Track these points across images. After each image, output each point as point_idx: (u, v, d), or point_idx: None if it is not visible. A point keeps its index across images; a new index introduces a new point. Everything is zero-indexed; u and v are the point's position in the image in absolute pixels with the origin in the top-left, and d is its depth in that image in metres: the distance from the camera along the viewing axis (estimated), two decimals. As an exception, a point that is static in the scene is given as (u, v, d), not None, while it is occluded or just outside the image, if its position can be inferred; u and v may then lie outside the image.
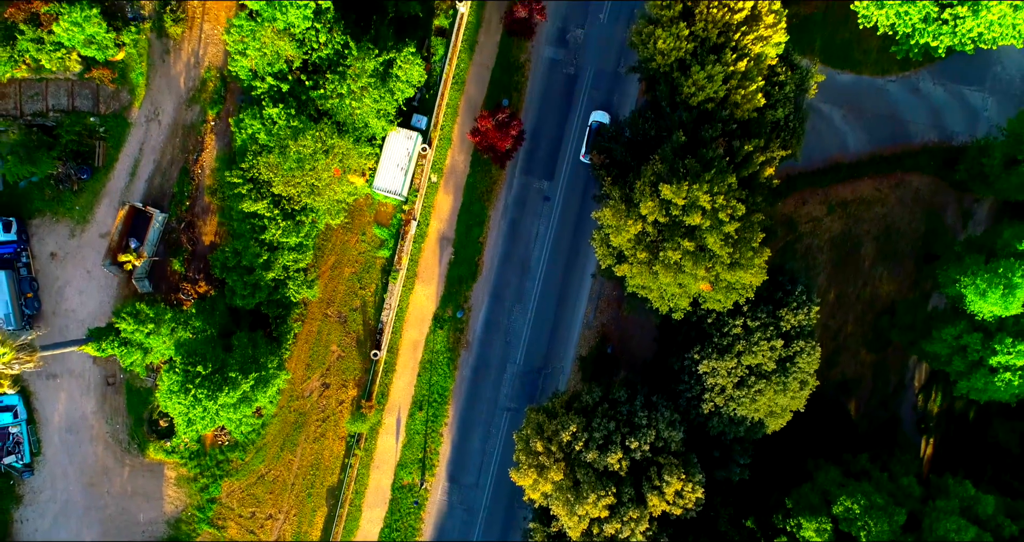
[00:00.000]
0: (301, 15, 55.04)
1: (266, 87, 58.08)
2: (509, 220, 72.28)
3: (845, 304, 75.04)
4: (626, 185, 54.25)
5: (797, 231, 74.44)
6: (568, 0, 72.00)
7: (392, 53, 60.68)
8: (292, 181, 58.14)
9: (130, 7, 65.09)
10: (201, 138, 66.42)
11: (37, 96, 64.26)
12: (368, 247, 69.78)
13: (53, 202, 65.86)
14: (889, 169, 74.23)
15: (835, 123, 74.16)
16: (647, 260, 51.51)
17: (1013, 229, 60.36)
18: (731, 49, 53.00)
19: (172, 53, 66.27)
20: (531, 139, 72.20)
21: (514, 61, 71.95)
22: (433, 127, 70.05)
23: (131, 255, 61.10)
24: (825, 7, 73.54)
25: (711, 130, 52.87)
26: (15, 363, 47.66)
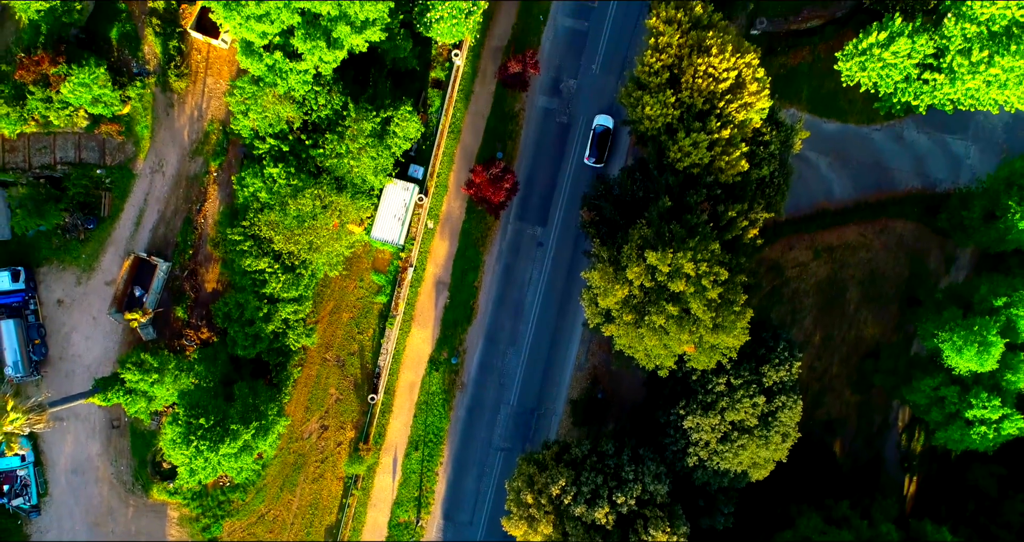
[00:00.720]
0: (302, 80, 57.00)
1: (267, 147, 60.07)
2: (503, 265, 74.25)
3: (831, 346, 77.03)
4: (614, 246, 56.19)
5: (784, 276, 76.43)
6: (561, 51, 74.14)
7: (390, 111, 62.69)
8: (292, 238, 60.15)
9: (135, 62, 67.06)
10: (204, 189, 68.39)
11: (45, 149, 66.22)
12: (366, 293, 71.78)
13: (60, 251, 67.80)
14: (874, 215, 76.18)
15: (821, 170, 76.14)
16: (633, 322, 53.50)
17: (990, 284, 62.36)
18: (716, 116, 54.96)
19: (176, 106, 68.23)
20: (525, 186, 74.18)
21: (509, 110, 73.92)
22: (429, 176, 72.06)
23: (137, 313, 63.06)
24: (811, 59, 75.44)
25: (696, 195, 54.85)
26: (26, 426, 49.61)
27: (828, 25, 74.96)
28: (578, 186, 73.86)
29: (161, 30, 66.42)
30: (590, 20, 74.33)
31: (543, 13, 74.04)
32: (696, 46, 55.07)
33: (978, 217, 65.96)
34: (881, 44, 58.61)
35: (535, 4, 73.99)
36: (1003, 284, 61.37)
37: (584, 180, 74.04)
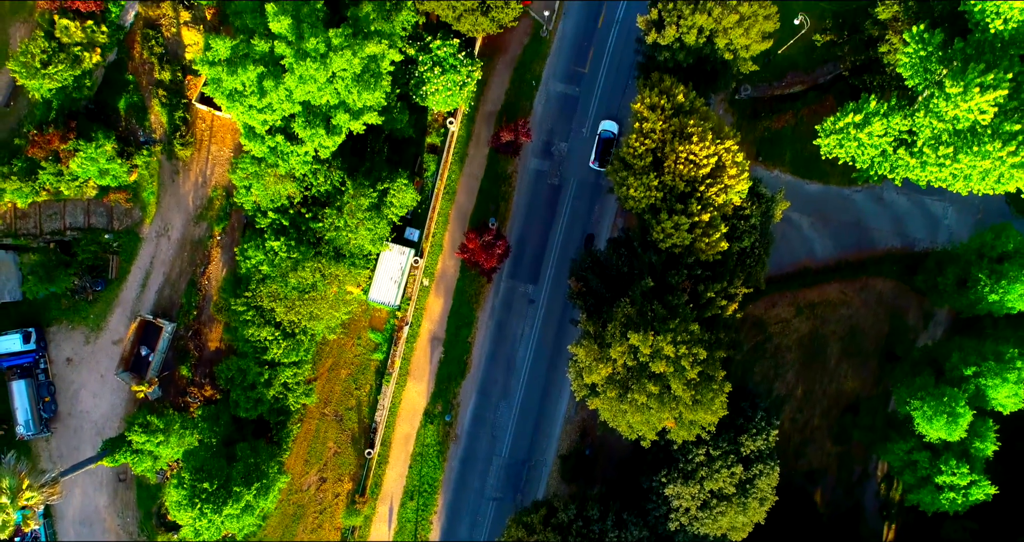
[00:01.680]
0: (302, 161, 59.69)
1: (268, 221, 62.76)
2: (496, 321, 76.93)
3: (812, 399, 79.68)
4: (600, 321, 58.85)
5: (767, 332, 79.10)
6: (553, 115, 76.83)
7: (386, 183, 65.44)
8: (294, 309, 62.86)
9: (142, 131, 69.77)
10: (208, 252, 71.10)
11: (55, 215, 68.94)
12: (363, 350, 74.47)
13: (69, 311, 70.51)
14: (854, 274, 78.82)
15: (804, 230, 78.79)
16: (617, 397, 56.18)
17: (961, 351, 64.95)
18: (696, 200, 57.59)
19: (181, 173, 70.94)
20: (517, 245, 76.87)
21: (502, 172, 76.61)
22: (425, 237, 74.76)
23: (144, 385, 65.80)
24: (795, 122, 78.08)
25: (677, 276, 57.53)
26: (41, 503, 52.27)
27: (810, 90, 77.62)
28: (569, 245, 76.69)
29: (167, 101, 69.11)
30: (580, 86, 77.08)
31: (535, 78, 76.75)
32: (678, 132, 57.74)
33: (951, 283, 68.54)
34: (857, 125, 61.24)
35: (527, 70, 76.71)
36: (973, 352, 63.96)
37: (575, 239, 76.88)
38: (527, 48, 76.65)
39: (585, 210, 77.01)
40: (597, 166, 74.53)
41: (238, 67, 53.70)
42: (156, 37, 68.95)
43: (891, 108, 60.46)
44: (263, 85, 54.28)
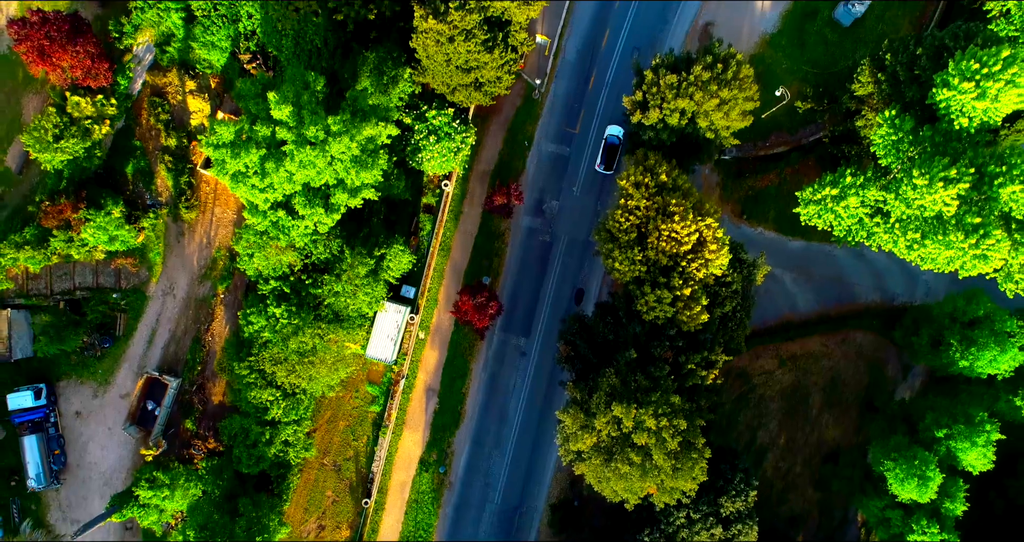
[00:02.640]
0: (302, 234, 62.49)
1: (270, 288, 65.55)
2: (489, 373, 79.74)
3: (794, 447, 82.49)
4: (587, 388, 61.66)
5: (751, 383, 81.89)
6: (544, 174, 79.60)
7: (383, 249, 68.23)
8: (294, 372, 65.68)
9: (149, 195, 72.59)
10: (212, 310, 73.92)
11: (66, 276, 71.76)
12: (361, 403, 77.31)
13: (78, 366, 73.37)
14: (836, 327, 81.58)
15: (786, 285, 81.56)
16: (602, 463, 58.99)
17: (935, 413, 67.74)
18: (678, 274, 60.36)
19: (186, 235, 73.77)
20: (510, 299, 79.70)
21: (495, 230, 79.38)
22: (420, 294, 77.57)
23: (152, 449, 68.65)
24: (778, 181, 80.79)
25: (659, 348, 60.33)
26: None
27: (794, 151, 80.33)
28: (560, 300, 79.54)
29: (173, 166, 71.91)
30: (571, 146, 79.84)
31: (527, 139, 79.52)
32: (662, 209, 60.51)
33: (926, 344, 71.32)
34: (834, 197, 63.99)
35: (520, 131, 79.48)
36: (945, 414, 66.74)
37: (565, 294, 79.72)
38: (520, 110, 79.40)
39: (575, 266, 79.80)
40: (603, 169, 76.94)
41: (241, 150, 56.51)
42: (162, 104, 71.74)
43: (867, 180, 63.11)
44: (265, 167, 57.08)
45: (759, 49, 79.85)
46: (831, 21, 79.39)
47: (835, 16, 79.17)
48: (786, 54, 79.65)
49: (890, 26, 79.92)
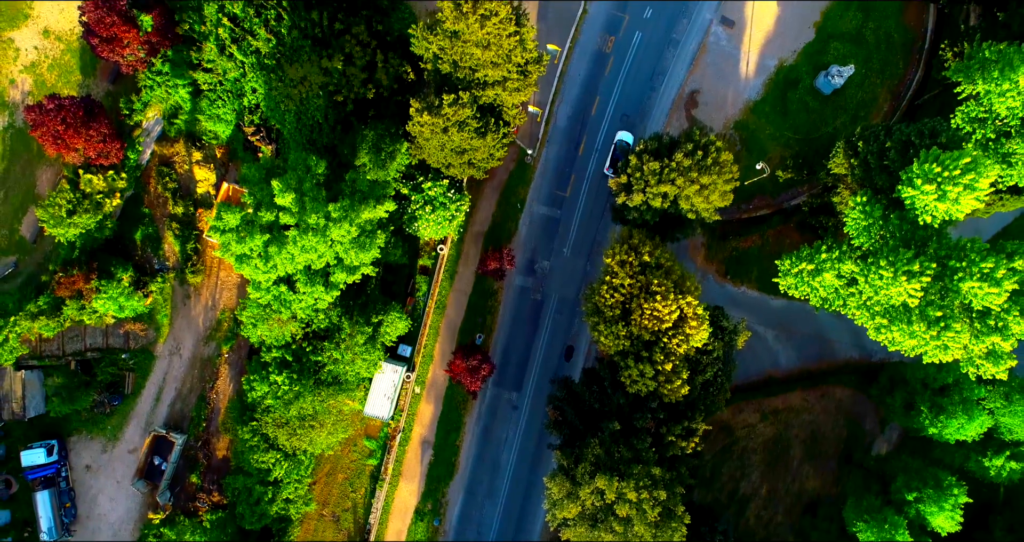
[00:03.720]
0: (303, 308, 65.73)
1: (271, 357, 68.80)
2: (482, 426, 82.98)
3: (775, 497, 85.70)
4: (573, 455, 64.89)
5: (734, 436, 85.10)
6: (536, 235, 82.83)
7: (381, 316, 71.44)
8: (295, 435, 68.93)
9: (156, 260, 75.83)
10: (216, 369, 77.17)
11: (77, 338, 75.01)
12: (359, 456, 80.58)
13: (89, 423, 76.62)
14: (816, 383, 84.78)
15: (769, 342, 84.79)
16: (586, 531, 62.23)
17: (906, 475, 70.93)
18: (660, 349, 63.57)
19: (192, 297, 77.04)
20: (502, 355, 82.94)
21: (488, 289, 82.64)
22: (416, 353, 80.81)
23: (160, 514, 71.93)
24: (761, 242, 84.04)
25: (642, 420, 63.55)
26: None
27: (776, 214, 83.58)
28: (551, 356, 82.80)
29: (180, 233, 75.14)
30: (562, 208, 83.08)
31: (520, 201, 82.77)
32: (645, 287, 63.72)
33: (900, 406, 74.55)
34: (810, 272, 67.17)
35: (513, 194, 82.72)
36: (916, 477, 69.94)
37: (556, 351, 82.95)
38: (513, 174, 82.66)
39: (566, 324, 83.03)
40: (611, 174, 79.09)
41: (246, 235, 59.72)
42: (170, 173, 74.99)
43: (843, 253, 66.32)
44: (268, 251, 60.32)
45: (743, 116, 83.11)
46: (812, 89, 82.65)
47: (816, 85, 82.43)
48: (769, 120, 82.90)
49: (869, 94, 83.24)
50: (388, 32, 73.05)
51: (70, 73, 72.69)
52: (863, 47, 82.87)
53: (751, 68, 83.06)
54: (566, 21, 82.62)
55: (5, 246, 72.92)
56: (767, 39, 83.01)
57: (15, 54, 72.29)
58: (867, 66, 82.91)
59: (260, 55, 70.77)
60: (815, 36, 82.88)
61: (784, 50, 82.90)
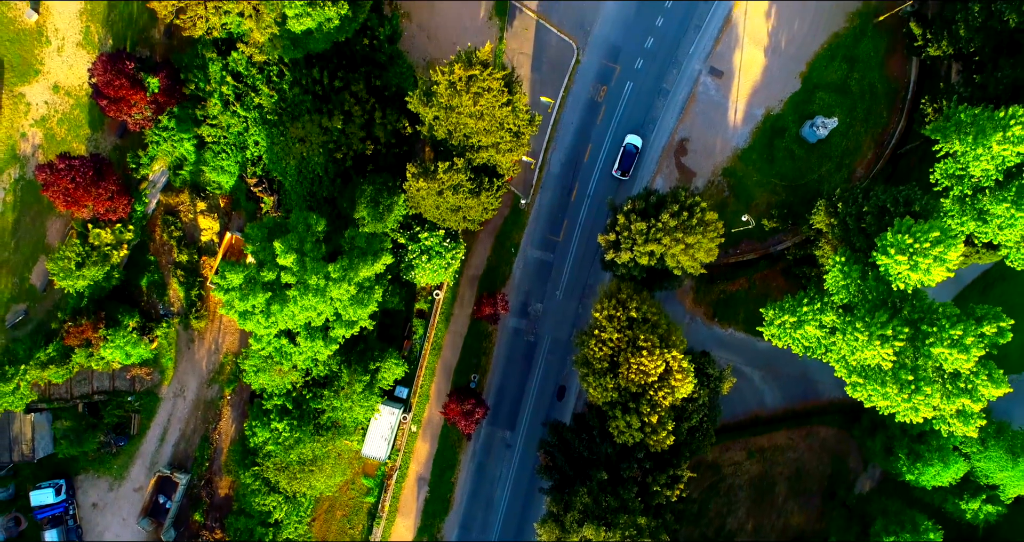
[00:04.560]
0: (303, 359, 68.27)
1: (272, 404, 71.37)
2: (477, 464, 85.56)
3: (761, 532, 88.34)
4: (563, 501, 67.46)
5: (721, 473, 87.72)
6: (530, 278, 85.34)
7: (378, 362, 73.97)
8: (295, 479, 71.53)
9: (162, 305, 78.37)
10: (219, 410, 79.75)
11: (85, 381, 77.54)
12: (356, 494, 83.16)
13: (95, 462, 79.16)
14: (801, 422, 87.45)
15: (755, 383, 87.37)
16: (574, 578, 64.88)
17: (885, 518, 73.51)
18: (646, 401, 66.13)
19: (196, 341, 79.58)
20: (496, 394, 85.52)
21: (483, 330, 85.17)
22: (413, 393, 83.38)
23: None
24: (748, 286, 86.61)
25: (628, 469, 66.11)
26: None
27: (762, 259, 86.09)
28: (543, 395, 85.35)
29: (184, 279, 77.67)
30: (555, 253, 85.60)
31: (515, 246, 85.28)
32: (632, 342, 66.27)
33: (880, 450, 77.11)
34: (792, 325, 69.72)
35: (508, 238, 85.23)
36: (894, 521, 72.52)
37: (548, 390, 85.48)
38: (507, 219, 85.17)
39: (558, 364, 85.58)
40: (619, 175, 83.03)
41: (249, 294, 62.22)
42: (175, 222, 77.52)
43: (824, 305, 68.84)
44: (271, 308, 62.82)
45: (731, 163, 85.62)
46: (798, 138, 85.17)
47: (802, 134, 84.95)
48: (756, 168, 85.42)
49: (853, 142, 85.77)
50: (386, 87, 75.49)
51: (79, 127, 75.19)
52: (848, 97, 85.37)
53: (739, 117, 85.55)
54: (559, 71, 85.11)
55: (16, 294, 75.41)
56: (754, 89, 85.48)
57: (26, 108, 74.78)
58: (851, 115, 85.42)
59: (262, 110, 73.35)
60: (801, 86, 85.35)
61: (771, 99, 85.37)
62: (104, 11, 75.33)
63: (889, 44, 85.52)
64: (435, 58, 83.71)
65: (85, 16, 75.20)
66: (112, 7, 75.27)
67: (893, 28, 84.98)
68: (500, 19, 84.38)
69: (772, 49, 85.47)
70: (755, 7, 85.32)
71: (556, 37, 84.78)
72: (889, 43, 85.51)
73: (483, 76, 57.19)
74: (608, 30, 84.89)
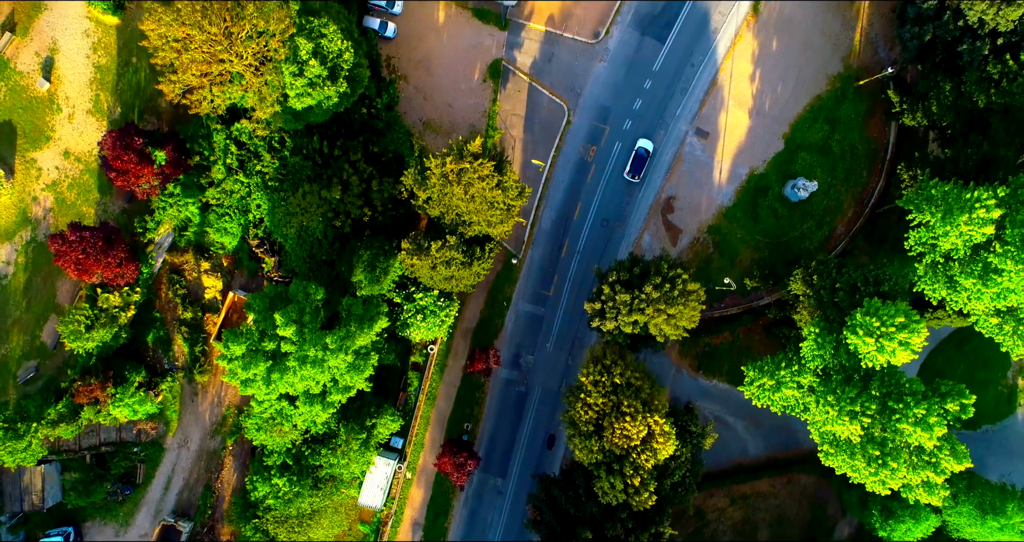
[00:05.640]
0: (303, 420, 71.45)
1: (272, 461, 74.55)
2: (469, 510, 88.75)
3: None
4: (549, 558, 70.75)
5: (705, 519, 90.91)
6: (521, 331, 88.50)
7: (375, 419, 77.16)
8: (295, 532, 74.75)
9: (167, 360, 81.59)
10: (221, 461, 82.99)
11: (92, 433, 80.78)
12: (353, 539, 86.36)
13: (102, 510, 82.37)
14: (782, 470, 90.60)
15: (738, 432, 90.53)
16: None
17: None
18: (630, 464, 69.30)
19: (200, 394, 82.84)
20: (489, 442, 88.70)
21: (476, 381, 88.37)
22: (408, 443, 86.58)
23: None
24: (732, 339, 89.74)
25: (612, 528, 69.29)
26: None
27: (745, 314, 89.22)
28: (534, 444, 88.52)
29: (188, 336, 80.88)
30: (546, 307, 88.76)
31: (507, 300, 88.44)
32: (616, 407, 69.45)
33: (856, 503, 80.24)
34: (770, 387, 72.90)
35: (500, 292, 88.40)
36: (870, 570, 75.75)
37: (539, 439, 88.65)
38: (500, 274, 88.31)
39: (548, 414, 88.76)
40: (630, 177, 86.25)
41: (251, 363, 65.41)
42: (180, 281, 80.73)
43: (801, 367, 72.02)
44: (271, 377, 66.02)
45: (716, 220, 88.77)
46: (781, 196, 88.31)
47: (784, 193, 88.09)
48: (740, 225, 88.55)
49: (834, 201, 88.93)
50: (383, 152, 78.69)
51: (88, 192, 78.40)
52: (829, 157, 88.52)
53: (724, 176, 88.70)
54: (551, 131, 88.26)
55: (27, 351, 78.67)
56: (739, 149, 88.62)
57: (38, 173, 78.01)
58: (833, 175, 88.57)
59: (264, 176, 76.53)
60: (784, 146, 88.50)
61: (755, 159, 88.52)
62: (113, 81, 78.57)
63: (869, 106, 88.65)
64: (431, 119, 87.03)
65: (95, 85, 78.44)
66: (121, 77, 78.51)
67: (873, 91, 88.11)
68: (494, 81, 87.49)
69: (756, 111, 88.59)
70: (740, 71, 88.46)
71: (548, 98, 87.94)
72: (869, 105, 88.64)
73: (474, 167, 60.34)
74: (598, 92, 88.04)
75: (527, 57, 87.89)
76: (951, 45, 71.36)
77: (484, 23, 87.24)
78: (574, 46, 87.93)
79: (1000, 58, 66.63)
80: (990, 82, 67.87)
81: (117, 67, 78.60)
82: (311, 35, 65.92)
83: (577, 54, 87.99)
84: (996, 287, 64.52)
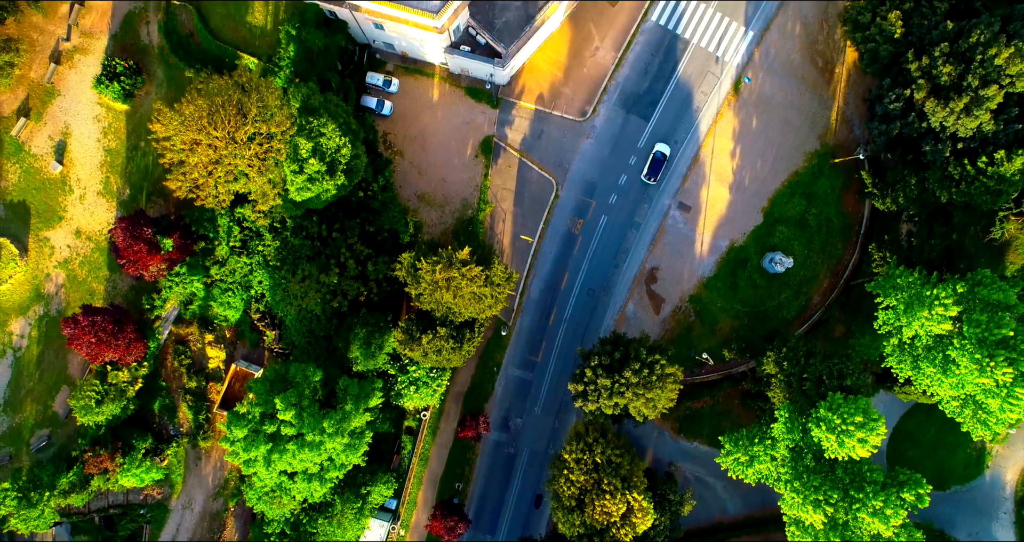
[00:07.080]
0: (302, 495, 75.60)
1: (271, 530, 78.74)
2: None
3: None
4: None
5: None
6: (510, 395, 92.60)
7: (369, 486, 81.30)
8: (292, 596, 79.03)
9: (172, 427, 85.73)
10: (223, 522, 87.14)
11: (101, 497, 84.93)
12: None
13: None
14: (760, 528, 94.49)
15: (718, 492, 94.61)
16: None
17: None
18: (610, 539, 73.41)
19: (203, 459, 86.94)
20: (479, 501, 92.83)
21: (467, 443, 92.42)
22: (402, 502, 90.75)
23: None
24: (712, 403, 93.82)
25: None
26: None
27: (725, 380, 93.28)
28: (522, 503, 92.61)
29: (193, 404, 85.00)
30: (534, 372, 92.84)
31: (496, 365, 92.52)
32: (597, 484, 73.57)
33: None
34: (744, 462, 77.06)
35: (490, 358, 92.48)
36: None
37: (527, 499, 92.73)
38: (490, 341, 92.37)
39: (536, 475, 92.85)
40: (647, 179, 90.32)
41: (252, 445, 69.54)
42: (185, 352, 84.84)
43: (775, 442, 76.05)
44: (271, 458, 70.15)
45: (697, 290, 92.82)
46: (760, 268, 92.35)
47: (763, 264, 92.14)
48: (720, 294, 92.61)
49: (810, 272, 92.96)
50: (379, 231, 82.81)
51: (99, 269, 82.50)
52: (806, 230, 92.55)
53: (705, 248, 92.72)
54: (540, 204, 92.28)
55: (40, 420, 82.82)
56: (720, 222, 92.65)
57: (50, 251, 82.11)
58: (809, 247, 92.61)
59: (266, 257, 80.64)
60: (763, 220, 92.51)
61: (735, 232, 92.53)
62: (122, 164, 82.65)
63: (845, 182, 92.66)
64: (425, 192, 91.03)
65: (105, 168, 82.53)
66: (130, 160, 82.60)
67: (849, 167, 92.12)
68: (486, 157, 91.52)
69: (736, 186, 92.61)
70: (721, 147, 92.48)
71: (537, 173, 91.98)
72: (845, 181, 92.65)
73: (463, 272, 64.42)
74: (585, 168, 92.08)
75: (518, 134, 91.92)
76: (916, 142, 75.34)
77: (476, 101, 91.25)
78: (562, 123, 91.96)
79: (960, 161, 70.64)
80: (951, 181, 71.88)
81: (126, 151, 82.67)
82: (311, 135, 69.99)
83: (565, 131, 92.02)
84: (954, 377, 68.65)
